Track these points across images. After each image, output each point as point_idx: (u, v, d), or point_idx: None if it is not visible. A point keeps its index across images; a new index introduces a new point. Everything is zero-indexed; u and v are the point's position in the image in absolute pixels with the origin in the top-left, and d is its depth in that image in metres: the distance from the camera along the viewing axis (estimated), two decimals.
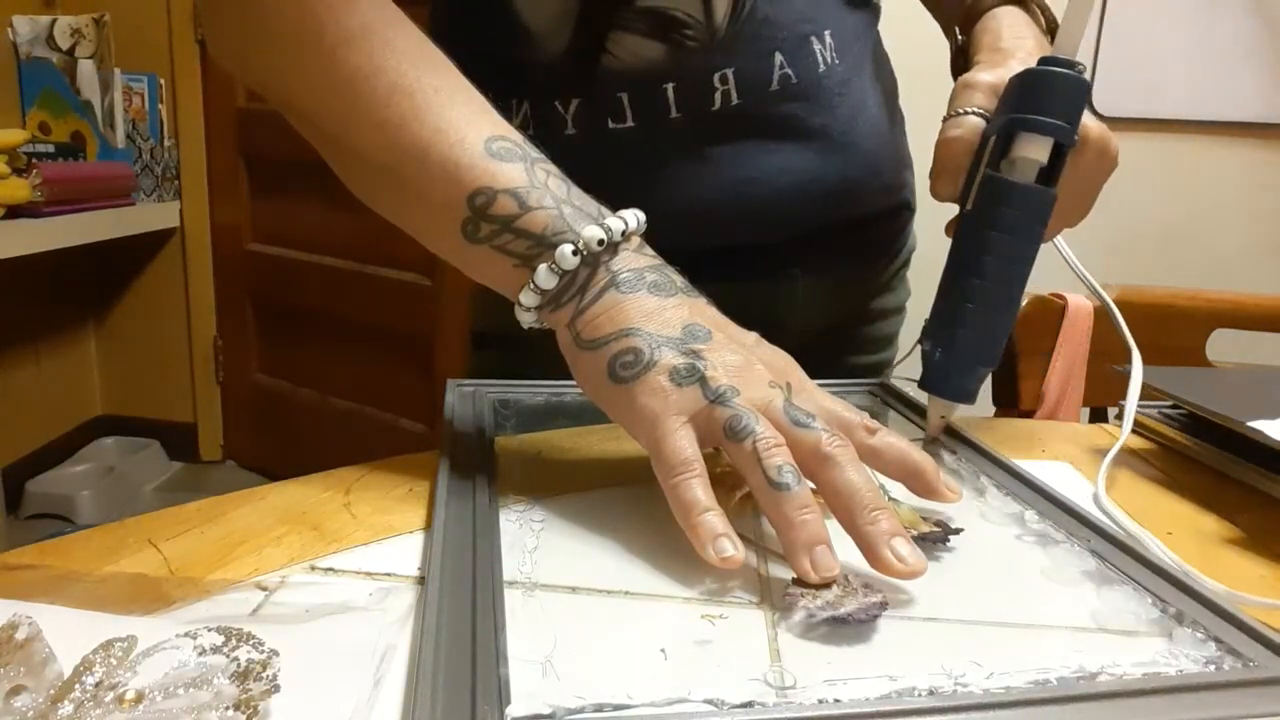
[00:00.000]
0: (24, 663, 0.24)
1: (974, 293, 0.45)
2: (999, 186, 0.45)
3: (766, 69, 0.57)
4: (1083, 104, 0.44)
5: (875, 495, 0.34)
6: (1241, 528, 0.43)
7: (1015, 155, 0.44)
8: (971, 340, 0.46)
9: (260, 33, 0.43)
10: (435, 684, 0.25)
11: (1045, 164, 0.44)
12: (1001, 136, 0.45)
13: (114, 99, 2.16)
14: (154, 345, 2.44)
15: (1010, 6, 0.54)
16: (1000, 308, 0.46)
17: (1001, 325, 0.46)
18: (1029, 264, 0.45)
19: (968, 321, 0.45)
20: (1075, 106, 0.44)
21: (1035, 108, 0.44)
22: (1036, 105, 0.44)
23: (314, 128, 0.44)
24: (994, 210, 0.45)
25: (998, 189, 0.45)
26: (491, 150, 0.40)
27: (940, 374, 0.47)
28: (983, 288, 0.45)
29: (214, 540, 0.36)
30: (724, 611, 0.31)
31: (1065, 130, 0.44)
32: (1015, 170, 0.45)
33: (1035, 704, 0.26)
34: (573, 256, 0.38)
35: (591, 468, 0.45)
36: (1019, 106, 0.45)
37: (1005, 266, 0.45)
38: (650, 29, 0.55)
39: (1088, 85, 0.44)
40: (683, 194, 0.58)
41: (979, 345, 0.46)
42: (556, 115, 0.58)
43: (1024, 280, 0.46)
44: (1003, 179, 0.45)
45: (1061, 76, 0.44)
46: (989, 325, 0.46)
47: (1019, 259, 0.45)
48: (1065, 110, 0.44)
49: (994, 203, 0.45)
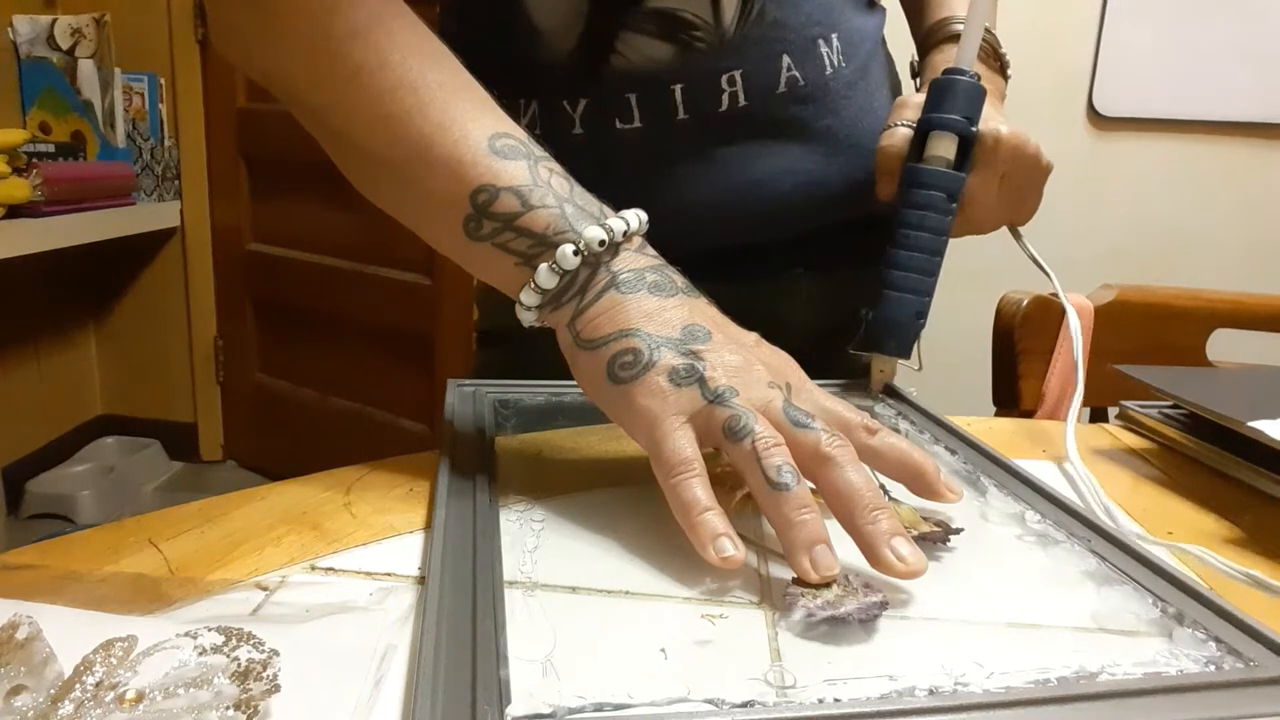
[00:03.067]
0: (24, 663, 0.24)
1: (894, 260, 0.54)
2: (913, 172, 0.54)
3: (774, 71, 0.57)
4: (978, 103, 0.53)
5: (875, 495, 0.34)
6: (1241, 528, 0.43)
7: (928, 149, 0.54)
8: (896, 300, 0.54)
9: (265, 25, 0.43)
10: (435, 684, 0.25)
11: (954, 154, 0.53)
12: (918, 135, 0.54)
13: (114, 99, 2.16)
14: (154, 345, 2.44)
15: (952, 44, 0.60)
16: (919, 270, 0.54)
17: (921, 286, 0.54)
18: (941, 235, 0.54)
19: (893, 284, 0.54)
20: (970, 105, 0.53)
21: (940, 109, 0.53)
22: (941, 106, 0.53)
23: (317, 121, 0.44)
24: (909, 192, 0.54)
25: (911, 174, 0.54)
26: (495, 147, 0.40)
27: (876, 334, 0.55)
28: (902, 255, 0.54)
29: (214, 540, 0.36)
30: (724, 611, 0.31)
31: (962, 123, 0.53)
32: (929, 161, 0.53)
33: (1035, 704, 0.26)
34: (574, 256, 0.38)
35: (591, 468, 0.45)
36: (929, 109, 0.54)
37: (921, 236, 0.54)
38: (659, 30, 0.55)
39: (980, 88, 0.54)
40: (689, 194, 0.58)
41: (903, 305, 0.54)
42: (565, 115, 0.58)
43: (939, 249, 0.54)
44: (916, 165, 0.54)
45: (957, 82, 0.53)
46: (910, 286, 0.54)
47: (931, 229, 0.53)
48: (962, 108, 0.53)
49: (909, 185, 0.54)
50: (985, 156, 0.54)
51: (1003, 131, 0.54)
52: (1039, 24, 1.81)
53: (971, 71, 0.53)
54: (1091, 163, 1.86)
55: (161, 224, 2.28)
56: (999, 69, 0.61)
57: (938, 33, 0.62)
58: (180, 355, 2.44)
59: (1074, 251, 1.84)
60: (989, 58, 0.60)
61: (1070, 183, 1.87)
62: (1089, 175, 1.87)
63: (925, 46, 0.64)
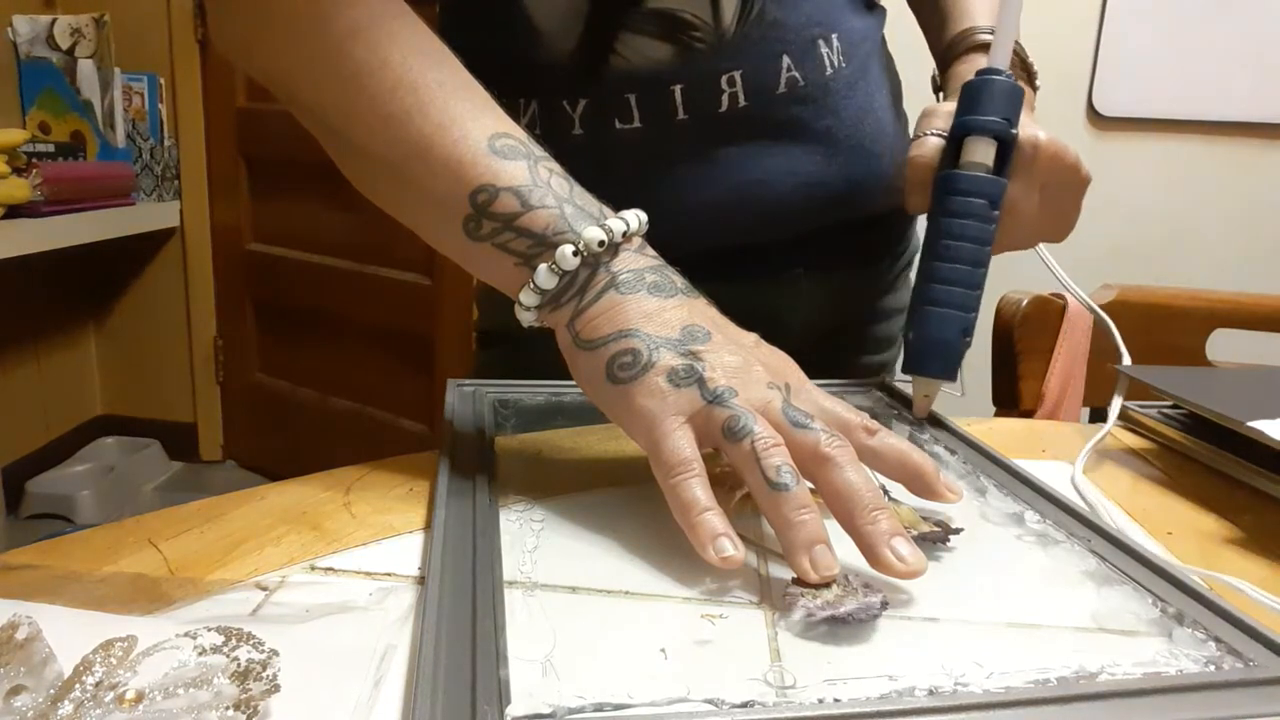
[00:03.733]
0: (24, 663, 0.24)
1: (935, 274, 0.50)
2: (950, 179, 0.50)
3: (774, 71, 0.57)
4: (1017, 104, 0.50)
5: (875, 495, 0.34)
6: (1241, 528, 0.43)
7: (965, 154, 0.50)
8: (939, 317, 0.50)
9: (266, 24, 0.43)
10: (435, 684, 0.25)
11: (993, 160, 0.50)
12: (952, 141, 0.51)
13: (114, 99, 2.16)
14: (154, 345, 2.44)
15: (977, 54, 0.58)
16: (962, 284, 0.50)
17: (966, 301, 0.50)
18: (984, 245, 0.50)
19: (934, 300, 0.50)
20: (1009, 106, 0.50)
21: (975, 111, 0.50)
22: (976, 109, 0.50)
23: (317, 120, 0.44)
24: (947, 200, 0.50)
25: (949, 181, 0.50)
26: (495, 147, 0.40)
27: (917, 354, 0.51)
28: (943, 268, 0.50)
29: (214, 540, 0.36)
30: (724, 611, 0.31)
31: (1002, 125, 0.50)
32: (967, 167, 0.50)
33: (1035, 704, 0.26)
34: (573, 257, 0.38)
35: (591, 468, 0.45)
36: (963, 113, 0.51)
37: (961, 247, 0.50)
38: (659, 30, 0.55)
39: (1019, 89, 0.50)
40: (688, 194, 0.58)
41: (947, 322, 0.50)
42: (564, 115, 0.58)
43: (982, 261, 0.50)
44: (952, 172, 0.50)
45: (993, 82, 0.50)
46: (954, 302, 0.50)
47: (973, 239, 0.50)
48: (1000, 109, 0.50)
49: (947, 193, 0.50)
50: (1024, 164, 0.52)
51: (1041, 138, 0.52)
52: (1039, 24, 1.80)
53: (1006, 71, 0.50)
54: (1091, 163, 1.81)
55: (161, 224, 2.28)
56: (1027, 79, 0.59)
57: (962, 43, 0.60)
58: (180, 355, 2.45)
59: (1074, 251, 1.83)
60: (1017, 68, 0.58)
61: None
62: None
63: (949, 58, 0.62)
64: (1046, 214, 0.54)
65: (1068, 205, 0.55)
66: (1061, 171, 0.53)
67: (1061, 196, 0.55)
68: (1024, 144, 0.52)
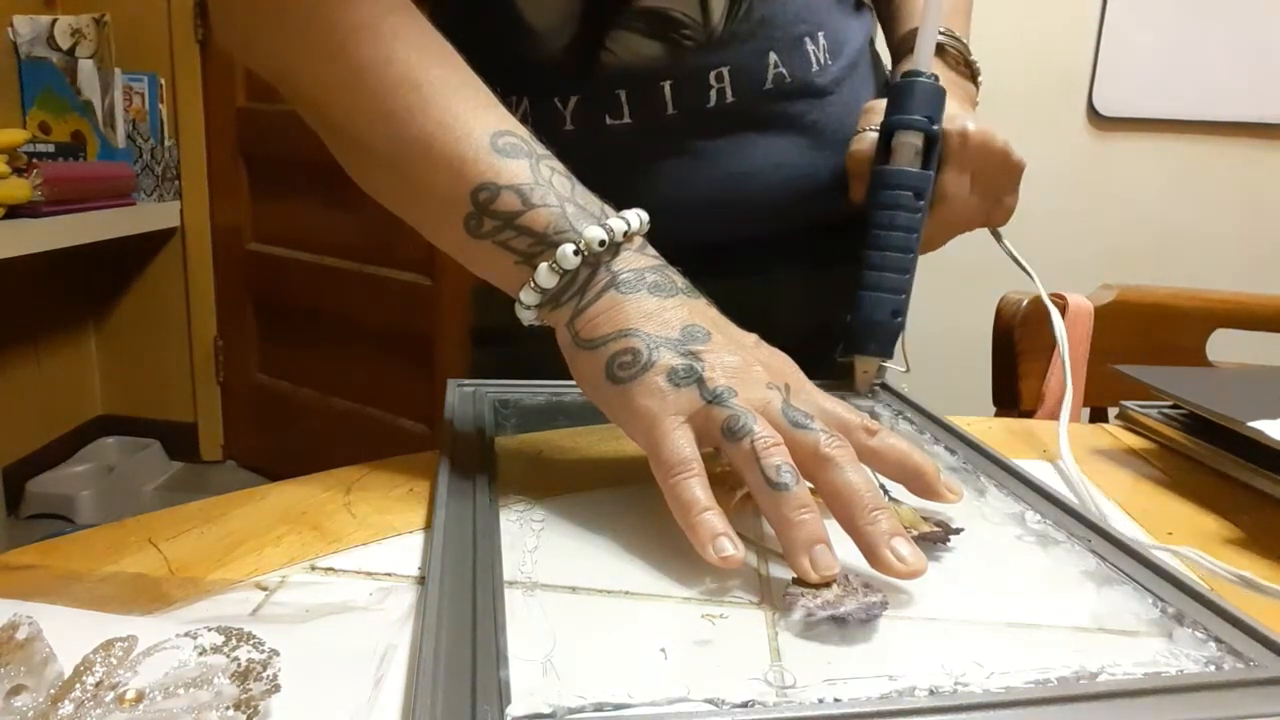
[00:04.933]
0: (24, 663, 0.24)
1: (868, 260, 0.55)
2: (879, 174, 0.55)
3: (761, 68, 0.58)
4: (939, 103, 0.54)
5: (875, 495, 0.34)
6: (1241, 528, 0.43)
7: (893, 150, 0.54)
8: (872, 300, 0.54)
9: (269, 19, 0.43)
10: (435, 684, 0.25)
11: (919, 153, 0.54)
12: (883, 138, 0.55)
13: (114, 99, 2.16)
14: (154, 345, 2.44)
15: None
16: (893, 269, 0.54)
17: (897, 285, 0.54)
18: (912, 233, 0.54)
19: (867, 284, 0.54)
20: (931, 105, 0.54)
21: (900, 110, 0.54)
22: (901, 108, 0.54)
23: (320, 116, 0.44)
24: (876, 193, 0.55)
25: (878, 176, 0.55)
26: (497, 145, 0.40)
27: (855, 336, 0.55)
28: (874, 256, 0.54)
29: (214, 540, 0.36)
30: (724, 611, 0.31)
31: (923, 123, 0.53)
32: (895, 162, 0.54)
33: (1035, 704, 0.26)
34: (574, 256, 0.38)
35: (591, 468, 0.45)
36: (890, 112, 0.55)
37: (890, 236, 0.54)
38: (649, 28, 0.56)
39: (940, 88, 0.54)
40: (677, 188, 0.59)
41: (880, 304, 0.54)
42: (556, 112, 0.58)
43: (910, 247, 0.54)
44: (882, 167, 0.55)
45: (915, 84, 0.54)
46: (885, 285, 0.54)
47: (901, 227, 0.54)
48: (923, 108, 0.53)
49: (877, 187, 0.55)
50: (954, 153, 0.55)
51: (969, 127, 0.55)
52: (1039, 24, 1.81)
53: (929, 72, 0.54)
54: (1091, 163, 1.86)
55: (161, 224, 2.28)
56: (969, 75, 0.63)
57: (907, 42, 0.63)
58: (180, 355, 2.44)
59: (1074, 251, 1.84)
60: (959, 65, 0.62)
61: (1070, 183, 1.87)
62: (1089, 175, 1.87)
63: (897, 57, 0.66)
64: (981, 200, 0.58)
65: (1003, 191, 0.58)
66: (990, 158, 0.56)
67: (996, 183, 0.57)
68: (952, 134, 0.55)
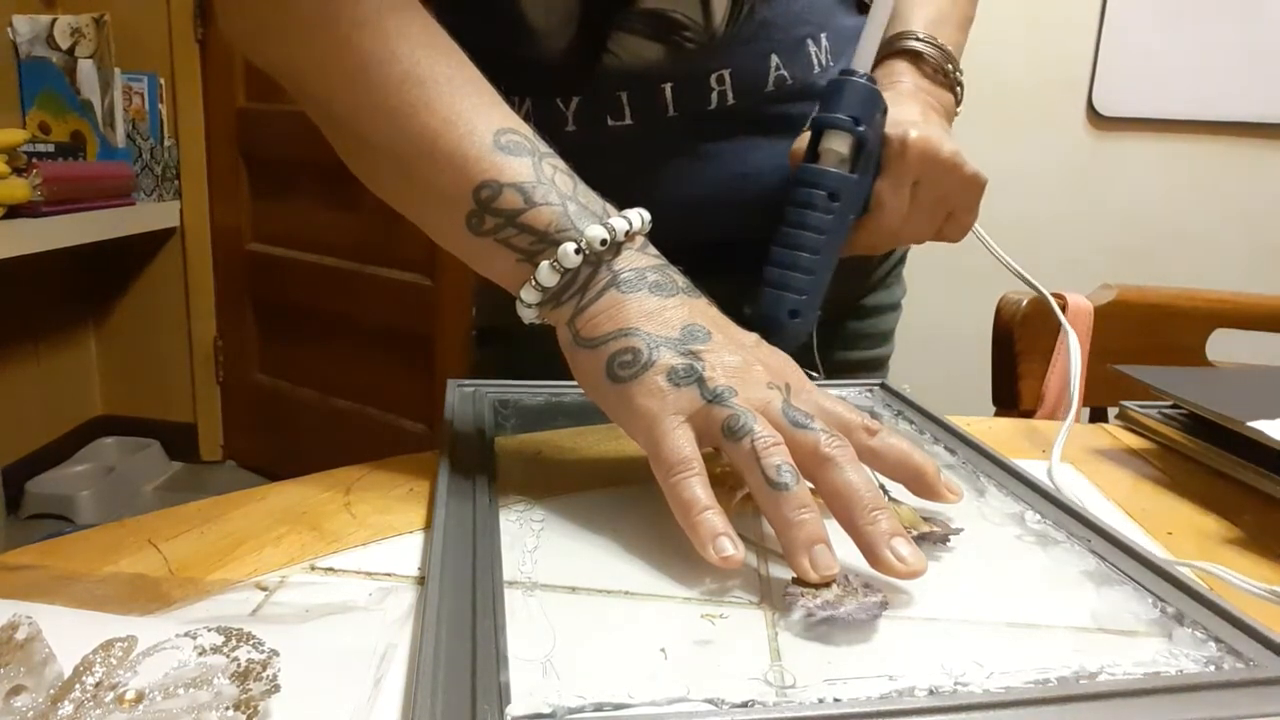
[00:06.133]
0: (24, 663, 0.24)
1: (772, 256, 0.53)
2: (801, 172, 0.53)
3: (762, 70, 0.58)
4: (870, 105, 0.52)
5: (875, 495, 0.34)
6: (1241, 528, 0.43)
7: (820, 149, 0.53)
8: (771, 297, 0.53)
9: (275, 14, 0.43)
10: (435, 684, 0.25)
11: (847, 155, 0.52)
12: (812, 136, 0.53)
13: (114, 99, 2.16)
14: (154, 345, 2.44)
15: (894, 60, 0.59)
16: (796, 268, 0.52)
17: (799, 285, 0.52)
18: (821, 234, 0.52)
19: (768, 280, 0.53)
20: (860, 106, 0.52)
21: (827, 109, 0.52)
22: (828, 107, 0.52)
23: (323, 112, 0.44)
24: (793, 190, 0.53)
25: (800, 174, 0.53)
26: (500, 143, 0.40)
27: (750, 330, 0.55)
28: (778, 253, 0.53)
29: (214, 540, 0.36)
30: (724, 611, 0.31)
31: (847, 123, 0.52)
32: (823, 161, 0.52)
33: (1035, 704, 0.26)
34: (575, 255, 0.38)
35: (591, 468, 0.45)
36: (819, 110, 0.53)
37: (798, 235, 0.52)
38: (650, 30, 0.56)
39: (873, 90, 0.52)
40: (679, 189, 0.59)
41: (779, 302, 0.53)
42: (558, 112, 0.58)
43: (819, 249, 0.52)
44: (805, 166, 0.53)
45: (845, 83, 0.52)
46: (785, 284, 0.52)
47: (811, 227, 0.52)
48: (850, 108, 0.52)
49: (793, 184, 0.53)
50: (891, 160, 0.53)
51: (910, 135, 0.52)
52: (1039, 24, 1.81)
53: (863, 73, 0.52)
54: (1091, 163, 1.86)
55: (161, 224, 2.28)
56: (946, 84, 0.60)
57: (886, 47, 0.61)
58: (180, 355, 2.44)
59: (1074, 251, 1.84)
60: (936, 73, 0.59)
61: (1070, 183, 1.87)
62: (1089, 175, 1.87)
63: (877, 60, 0.64)
64: (925, 212, 0.55)
65: (955, 205, 0.56)
66: (935, 169, 0.53)
67: (947, 197, 0.55)
68: (892, 140, 0.53)
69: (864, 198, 0.54)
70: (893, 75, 0.58)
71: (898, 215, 0.54)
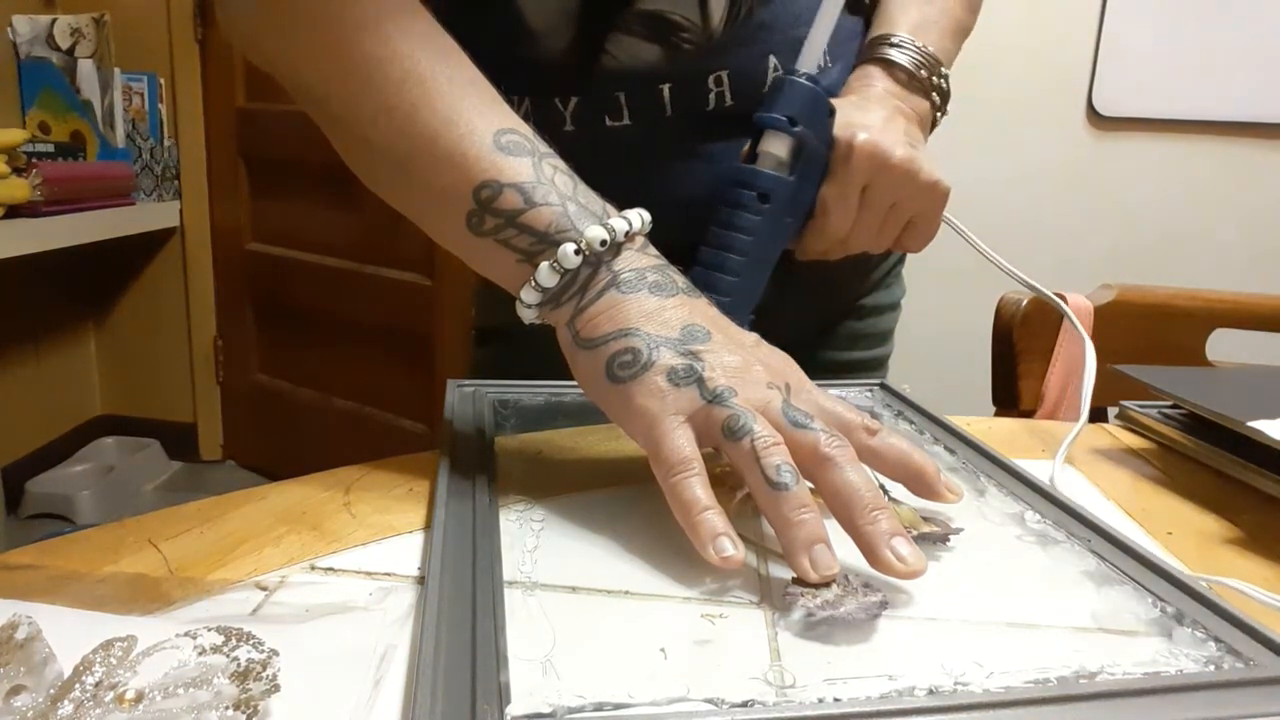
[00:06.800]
0: (24, 663, 0.24)
1: (699, 256, 0.52)
2: (734, 172, 0.52)
3: (761, 71, 0.58)
4: (811, 105, 0.51)
5: (875, 495, 0.34)
6: (1241, 528, 0.43)
7: (759, 149, 0.52)
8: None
9: (275, 13, 0.43)
10: (435, 684, 0.25)
11: (785, 156, 0.51)
12: (753, 136, 0.52)
13: (114, 99, 2.16)
14: (154, 345, 2.44)
15: (868, 65, 0.58)
16: (726, 270, 0.51)
17: (720, 286, 0.51)
18: (748, 236, 0.50)
19: (694, 281, 0.51)
20: (798, 106, 0.51)
21: (768, 108, 0.51)
22: (769, 107, 0.51)
23: (324, 112, 0.44)
24: (727, 190, 0.52)
25: (734, 173, 0.52)
26: (500, 143, 0.40)
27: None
28: (706, 253, 0.52)
29: (214, 540, 0.36)
30: (724, 611, 0.31)
31: (782, 122, 0.50)
32: (760, 163, 0.51)
33: (1035, 704, 0.26)
34: (575, 255, 0.38)
35: (591, 468, 0.45)
36: (759, 109, 0.51)
37: (728, 236, 0.51)
38: (648, 32, 0.56)
39: (814, 91, 0.51)
40: (677, 189, 0.59)
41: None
42: (556, 112, 0.58)
43: (745, 251, 0.51)
44: (737, 165, 0.52)
45: (784, 81, 0.51)
46: (712, 284, 0.51)
47: (738, 228, 0.51)
48: (787, 108, 0.50)
49: (729, 184, 0.52)
50: (837, 163, 0.52)
51: (859, 138, 0.51)
52: (1039, 24, 1.81)
53: (803, 72, 0.51)
54: (1091, 163, 1.86)
55: (161, 224, 2.28)
56: (922, 91, 0.58)
57: (865, 51, 0.60)
58: (180, 355, 2.44)
59: (1074, 251, 1.84)
60: (910, 79, 0.57)
61: (1070, 183, 1.87)
62: (1089, 175, 1.87)
63: (855, 65, 0.62)
64: (874, 218, 0.53)
65: (910, 213, 0.54)
66: (886, 175, 0.52)
67: (901, 204, 0.54)
68: (839, 142, 0.52)
69: (808, 202, 0.53)
70: (864, 79, 0.57)
71: (843, 221, 0.53)
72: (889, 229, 0.55)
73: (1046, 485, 0.41)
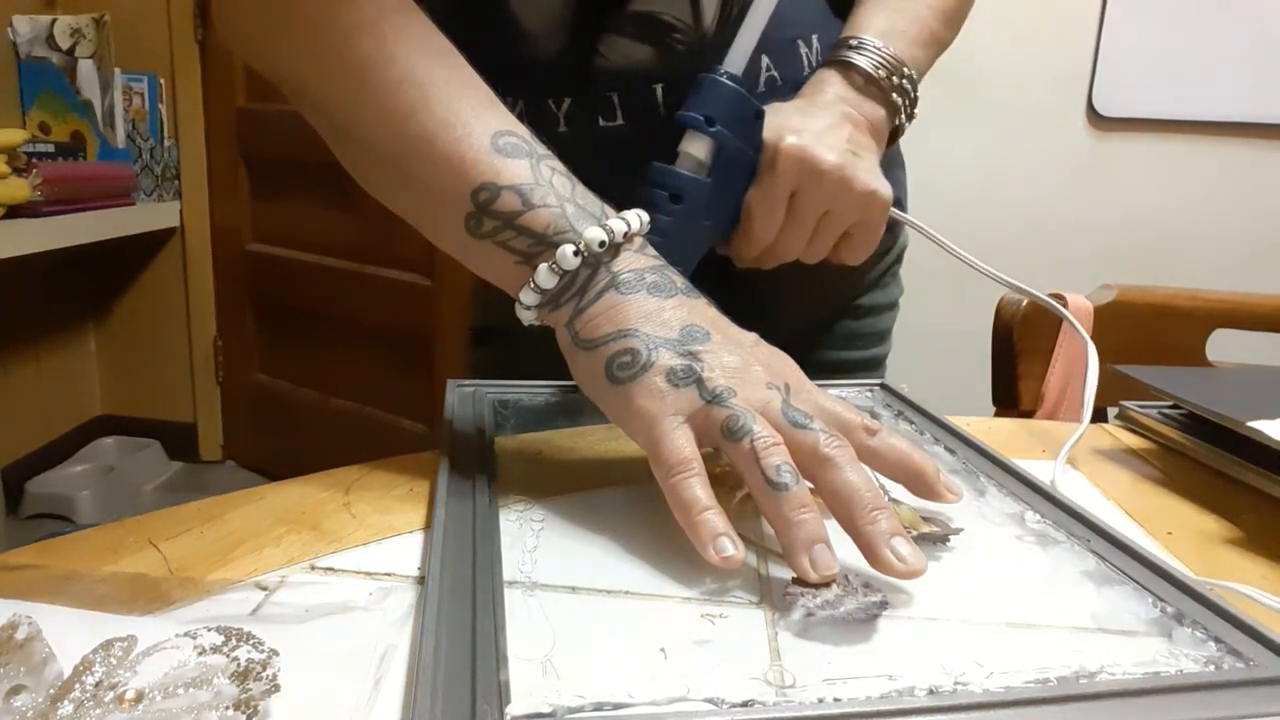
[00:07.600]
0: (24, 663, 0.24)
1: None
2: (649, 170, 0.50)
3: (753, 71, 0.57)
4: (731, 105, 0.49)
5: (875, 495, 0.34)
6: (1241, 528, 0.43)
7: (679, 149, 0.50)
8: None
9: (271, 16, 0.43)
10: (435, 684, 0.25)
11: (703, 156, 0.50)
12: (676, 135, 0.51)
13: (114, 99, 2.16)
14: (154, 345, 2.44)
15: (825, 69, 0.57)
16: None
17: None
18: (663, 237, 0.48)
19: None
20: (716, 106, 0.49)
21: (688, 107, 0.50)
22: (689, 105, 0.50)
23: (321, 114, 0.44)
24: (642, 190, 0.50)
25: (648, 172, 0.51)
26: (498, 145, 0.40)
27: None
28: None
29: (214, 540, 0.36)
30: (724, 611, 0.31)
31: (699, 121, 0.49)
32: (678, 162, 0.50)
33: (1035, 704, 0.26)
34: (573, 257, 0.38)
35: (591, 468, 0.45)
36: (684, 108, 0.50)
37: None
38: (640, 33, 0.56)
39: (736, 91, 0.49)
40: None
41: None
42: (550, 113, 0.58)
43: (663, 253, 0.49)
44: (652, 164, 0.50)
45: (705, 80, 0.50)
46: None
47: (655, 231, 0.47)
48: (709, 107, 0.49)
49: (645, 183, 0.50)
50: (763, 168, 0.51)
51: (786, 141, 0.50)
52: (1039, 24, 1.81)
53: (724, 71, 0.50)
54: (1091, 163, 1.86)
55: (161, 224, 2.28)
56: (881, 98, 0.55)
57: (830, 51, 0.58)
58: (180, 355, 2.44)
59: (1074, 251, 1.84)
60: (867, 85, 0.55)
61: (1070, 183, 1.87)
62: (1089, 175, 1.87)
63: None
64: (802, 226, 0.52)
65: (845, 223, 0.53)
66: (813, 180, 0.50)
67: (835, 214, 0.52)
68: (766, 146, 0.50)
69: (731, 205, 0.51)
70: (817, 84, 0.56)
71: (768, 227, 0.52)
72: (822, 238, 0.53)
73: (1046, 485, 0.41)
